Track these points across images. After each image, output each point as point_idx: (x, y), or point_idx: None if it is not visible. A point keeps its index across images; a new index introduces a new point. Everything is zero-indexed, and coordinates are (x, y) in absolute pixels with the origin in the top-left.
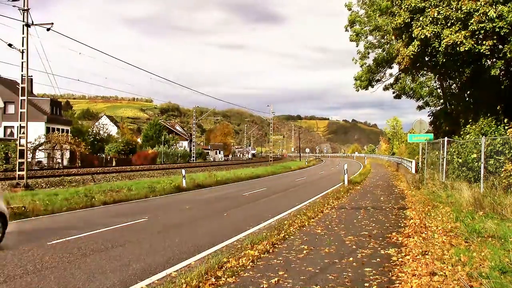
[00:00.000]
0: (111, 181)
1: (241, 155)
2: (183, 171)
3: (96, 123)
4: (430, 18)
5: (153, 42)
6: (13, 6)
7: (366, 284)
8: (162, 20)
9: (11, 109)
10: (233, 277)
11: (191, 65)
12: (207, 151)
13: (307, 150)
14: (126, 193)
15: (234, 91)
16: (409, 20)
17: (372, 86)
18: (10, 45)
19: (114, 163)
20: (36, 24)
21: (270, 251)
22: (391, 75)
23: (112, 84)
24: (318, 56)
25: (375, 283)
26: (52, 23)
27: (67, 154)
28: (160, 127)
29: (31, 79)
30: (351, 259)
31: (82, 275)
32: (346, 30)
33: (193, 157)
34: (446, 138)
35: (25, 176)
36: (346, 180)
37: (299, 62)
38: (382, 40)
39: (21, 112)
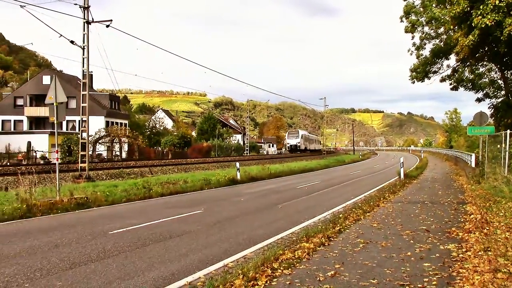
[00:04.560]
0: (168, 174)
1: None
2: (237, 164)
3: (153, 117)
4: (491, 6)
5: (209, 37)
6: (74, 4)
7: (426, 280)
8: (218, 15)
9: (72, 104)
10: (289, 269)
11: (246, 59)
12: (260, 144)
13: (361, 143)
14: (182, 185)
15: (287, 85)
16: (468, 8)
17: (429, 78)
18: (72, 42)
19: (170, 156)
20: (96, 21)
21: (326, 244)
22: (448, 66)
23: (168, 78)
24: (373, 48)
25: (434, 278)
26: (111, 20)
27: (125, 147)
28: (214, 121)
29: (91, 75)
30: (409, 253)
31: (143, 264)
32: (401, 21)
33: (247, 150)
34: (508, 131)
35: (86, 168)
36: (402, 174)
37: (354, 54)
38: (439, 31)
39: (82, 106)
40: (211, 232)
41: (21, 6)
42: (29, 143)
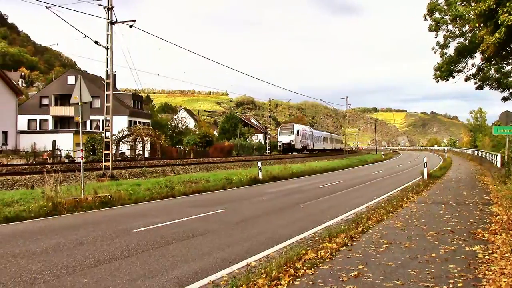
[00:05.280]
0: (190, 173)
1: None
2: (259, 163)
3: (175, 116)
4: None
5: (231, 37)
6: (98, 5)
7: (451, 281)
8: (238, 15)
9: (96, 103)
10: (312, 269)
11: (267, 58)
12: None
13: (384, 143)
14: (204, 184)
15: (309, 84)
16: (494, 6)
17: (453, 77)
18: (96, 42)
19: (192, 155)
20: (119, 22)
21: (349, 244)
22: (473, 65)
23: (190, 78)
24: (395, 46)
25: (460, 280)
26: (134, 20)
27: (148, 146)
28: (236, 120)
29: (115, 75)
30: (433, 254)
31: (166, 262)
32: (425, 19)
33: (268, 149)
34: None
35: (110, 167)
36: (425, 174)
37: (376, 53)
38: (464, 29)
39: (106, 106)
40: (234, 231)
41: (46, 7)
42: (54, 142)
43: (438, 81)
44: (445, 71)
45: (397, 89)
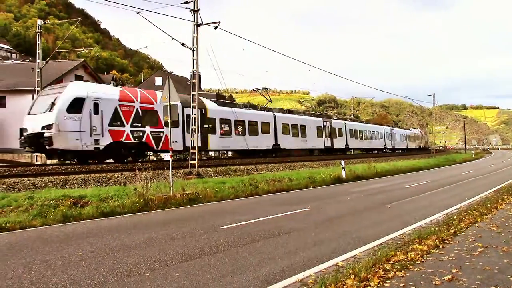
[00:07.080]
0: (273, 171)
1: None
2: (342, 162)
3: None
4: None
5: (312, 35)
6: (185, 8)
7: None
8: (320, 13)
9: None
10: (402, 271)
11: (350, 56)
12: None
13: (473, 141)
14: (287, 183)
15: (393, 81)
16: None
17: None
18: (183, 44)
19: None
20: (205, 24)
21: (440, 246)
22: None
23: (272, 77)
24: (485, 41)
25: None
26: (219, 22)
27: None
28: None
29: (200, 75)
30: None
31: (253, 260)
32: None
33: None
34: None
35: (196, 165)
36: None
37: (466, 48)
38: None
39: (192, 106)
40: (319, 231)
41: (137, 12)
42: None
43: None
44: None
45: (488, 85)
